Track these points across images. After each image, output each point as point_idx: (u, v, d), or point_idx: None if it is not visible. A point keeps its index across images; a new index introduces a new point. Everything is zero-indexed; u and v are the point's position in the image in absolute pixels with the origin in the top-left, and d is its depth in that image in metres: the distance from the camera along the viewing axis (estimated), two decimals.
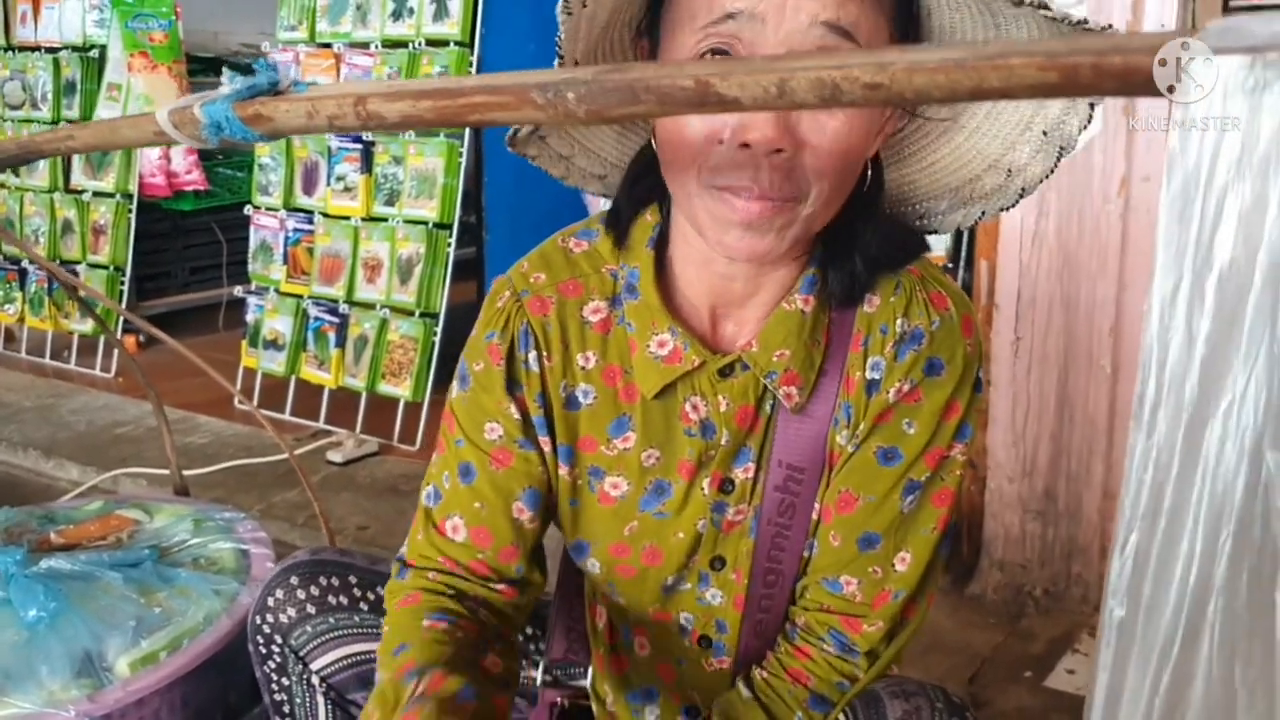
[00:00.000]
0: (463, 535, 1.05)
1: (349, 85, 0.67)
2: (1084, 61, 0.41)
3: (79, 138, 0.82)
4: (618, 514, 1.06)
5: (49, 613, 1.39)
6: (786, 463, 1.03)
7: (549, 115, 0.57)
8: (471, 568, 1.06)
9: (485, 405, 1.04)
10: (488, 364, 1.04)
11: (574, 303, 1.03)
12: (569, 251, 1.06)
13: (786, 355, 0.98)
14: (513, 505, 1.05)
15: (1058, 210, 2.09)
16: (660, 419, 1.03)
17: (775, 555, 1.06)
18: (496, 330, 1.04)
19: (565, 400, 1.04)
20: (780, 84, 0.49)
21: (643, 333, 1.00)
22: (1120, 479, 1.79)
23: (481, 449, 1.05)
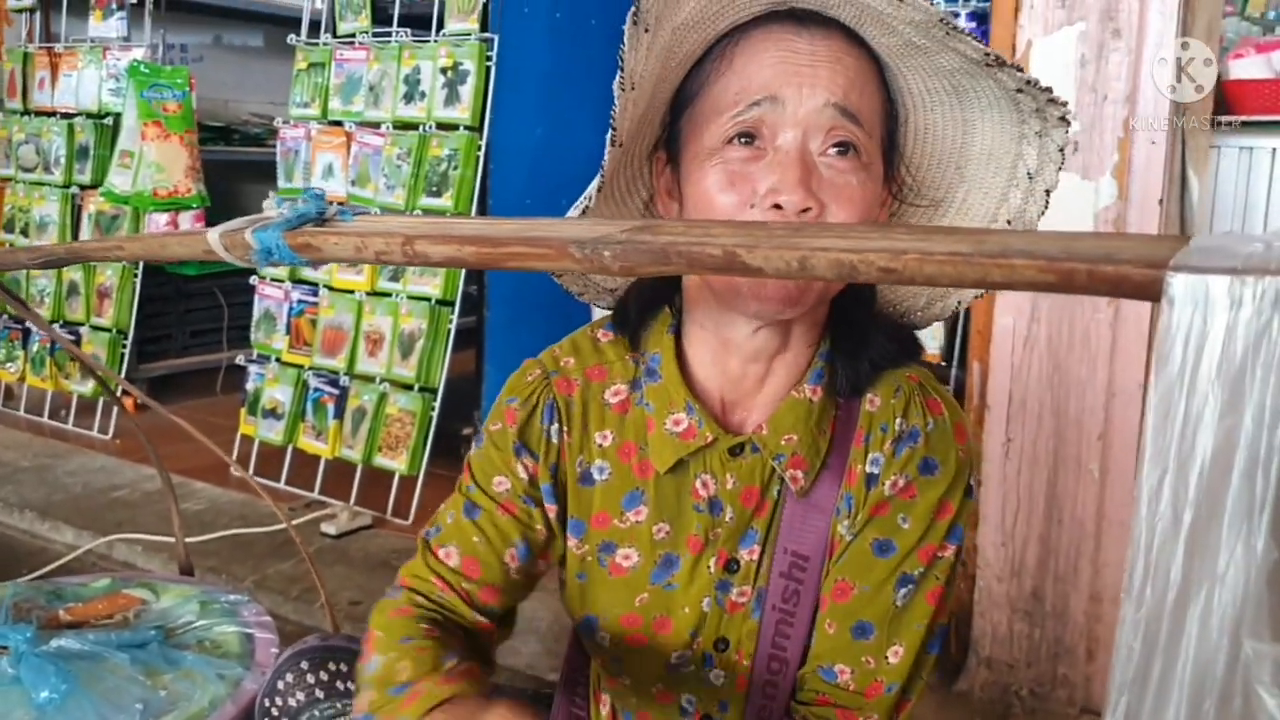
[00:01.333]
0: (455, 561, 1.11)
1: (396, 222, 0.71)
2: (1080, 268, 0.46)
3: (128, 249, 0.86)
4: (629, 585, 1.11)
5: (60, 694, 1.40)
6: (792, 550, 1.08)
7: (584, 267, 0.61)
8: (458, 592, 1.10)
9: (496, 461, 1.12)
10: (503, 425, 1.12)
11: (598, 386, 1.11)
12: (597, 341, 1.15)
13: (794, 440, 1.05)
14: (507, 550, 1.10)
15: (1049, 316, 2.14)
16: (672, 494, 1.09)
17: (779, 642, 1.10)
18: (519, 398, 1.12)
19: (580, 476, 1.11)
20: (802, 260, 0.53)
21: (660, 412, 1.07)
22: (1107, 583, 1.82)
23: (490, 496, 1.12)
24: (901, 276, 0.50)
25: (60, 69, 4.35)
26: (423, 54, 3.32)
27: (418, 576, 1.12)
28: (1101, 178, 2.06)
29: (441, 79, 3.26)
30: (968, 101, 1.00)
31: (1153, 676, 0.48)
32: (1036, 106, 0.96)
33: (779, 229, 0.56)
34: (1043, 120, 0.98)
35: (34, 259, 0.99)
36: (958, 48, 0.92)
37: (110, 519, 3.21)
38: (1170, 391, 0.44)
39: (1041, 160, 1.01)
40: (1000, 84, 0.95)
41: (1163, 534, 0.46)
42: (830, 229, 0.55)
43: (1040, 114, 0.97)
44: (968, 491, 1.08)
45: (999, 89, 0.96)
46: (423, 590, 1.11)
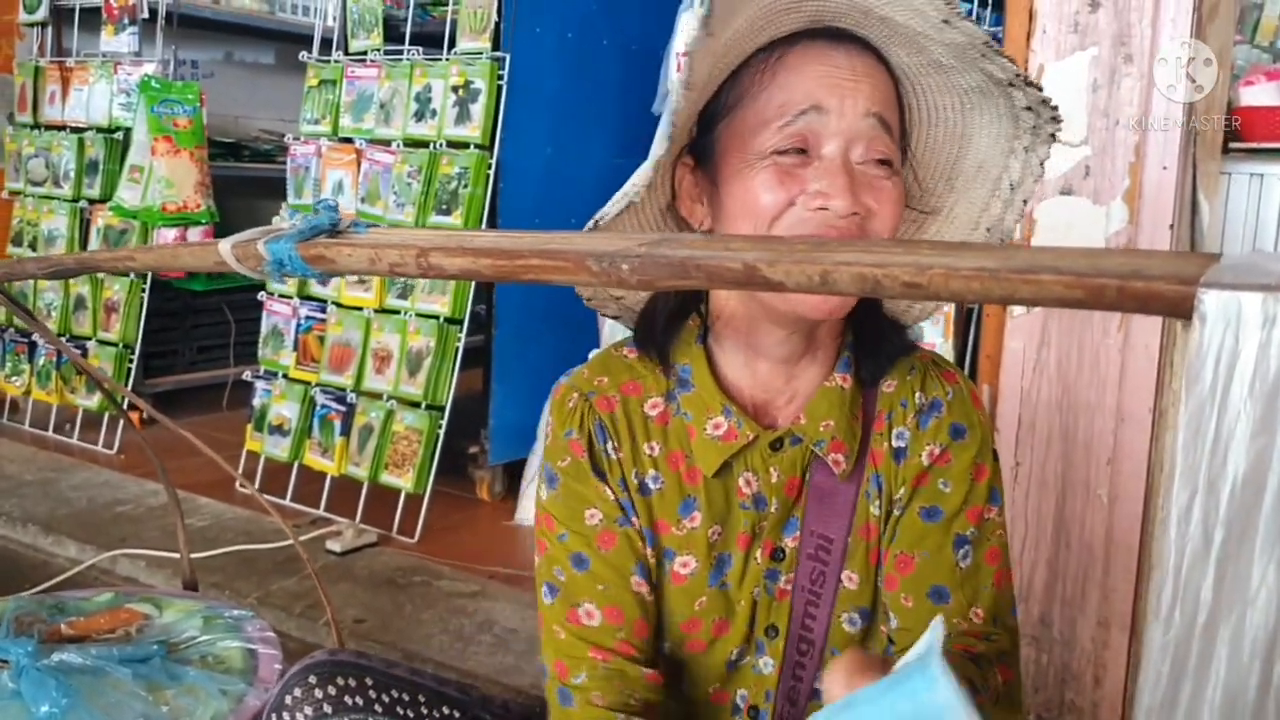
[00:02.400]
0: (598, 619, 1.11)
1: (410, 234, 0.71)
2: (1109, 284, 0.45)
3: (139, 260, 0.85)
4: (688, 591, 1.13)
5: (61, 709, 1.39)
6: (818, 533, 1.12)
7: (602, 281, 0.61)
8: (619, 650, 1.10)
9: (581, 494, 1.12)
10: (573, 458, 1.13)
11: (635, 400, 1.14)
12: (625, 358, 1.17)
13: (832, 425, 1.09)
14: (631, 580, 1.11)
15: (1058, 341, 2.13)
16: (721, 496, 1.12)
17: (807, 624, 1.13)
18: (574, 428, 1.13)
19: (639, 487, 1.13)
20: (824, 275, 0.53)
21: (699, 419, 1.10)
22: (1116, 609, 1.81)
23: (587, 536, 1.12)
24: (926, 292, 0.50)
25: (71, 83, 4.37)
26: (434, 72, 3.33)
27: (572, 658, 1.11)
28: (1113, 202, 2.06)
29: (453, 97, 3.27)
30: (971, 117, 1.05)
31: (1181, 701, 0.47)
32: (1035, 124, 1.01)
33: (800, 243, 0.55)
34: (1034, 136, 1.03)
35: (43, 269, 0.98)
36: (987, 68, 0.97)
37: (114, 534, 3.20)
38: (1201, 410, 0.43)
39: (1024, 173, 1.06)
40: (1011, 100, 0.99)
41: (1192, 555, 0.45)
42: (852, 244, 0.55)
43: (1035, 130, 1.02)
44: (994, 455, 1.13)
45: (1006, 104, 1.01)
46: (587, 677, 1.09)
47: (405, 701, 1.19)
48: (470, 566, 3.03)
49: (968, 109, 1.04)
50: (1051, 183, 2.11)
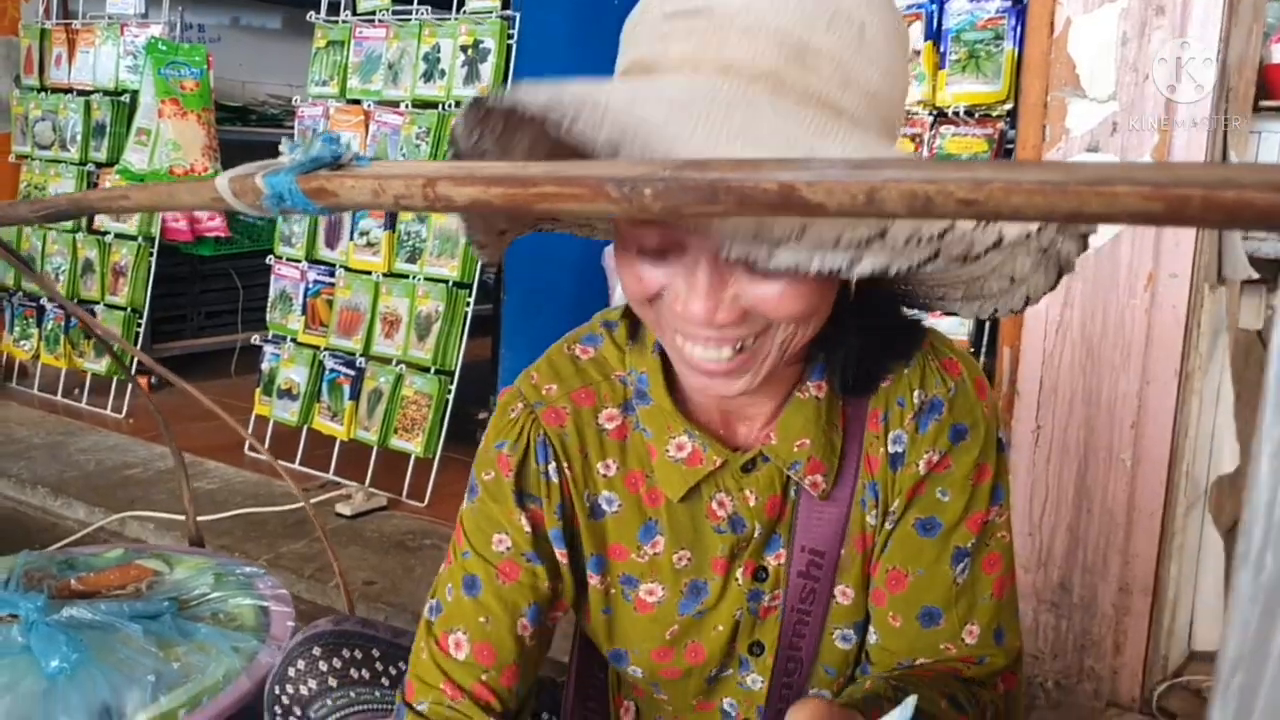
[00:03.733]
0: (465, 652, 1.02)
1: (417, 165, 0.66)
2: (1194, 194, 0.41)
3: (134, 198, 0.81)
4: (657, 620, 1.04)
5: (70, 664, 1.37)
6: (808, 548, 1.02)
7: (622, 209, 0.56)
8: (474, 692, 1.02)
9: (494, 516, 1.02)
10: (498, 474, 1.02)
11: (589, 411, 1.02)
12: (576, 359, 1.05)
13: (807, 444, 0.97)
14: (518, 621, 1.02)
15: (1082, 302, 2.08)
16: (687, 520, 1.02)
17: (795, 642, 1.04)
18: (508, 440, 1.02)
19: (590, 510, 1.03)
20: (870, 192, 0.48)
21: (660, 437, 0.99)
22: (1137, 574, 1.77)
23: (489, 561, 1.02)
24: (984, 209, 0.45)
25: (77, 45, 4.31)
26: (443, 32, 3.27)
27: (423, 682, 1.03)
28: (1141, 159, 2.00)
29: (462, 57, 3.21)
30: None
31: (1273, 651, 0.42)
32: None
33: (840, 162, 0.51)
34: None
35: (36, 211, 0.94)
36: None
37: (123, 496, 3.18)
38: None
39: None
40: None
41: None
42: (901, 160, 0.50)
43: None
44: (1000, 446, 1.02)
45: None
46: (430, 705, 1.02)
47: None
48: None
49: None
50: (1077, 139, 2.06)
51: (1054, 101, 2.09)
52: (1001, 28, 2.34)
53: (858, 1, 0.78)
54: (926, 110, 2.42)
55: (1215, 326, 2.16)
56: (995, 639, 1.01)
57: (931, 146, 2.41)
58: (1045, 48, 2.09)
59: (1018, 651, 1.03)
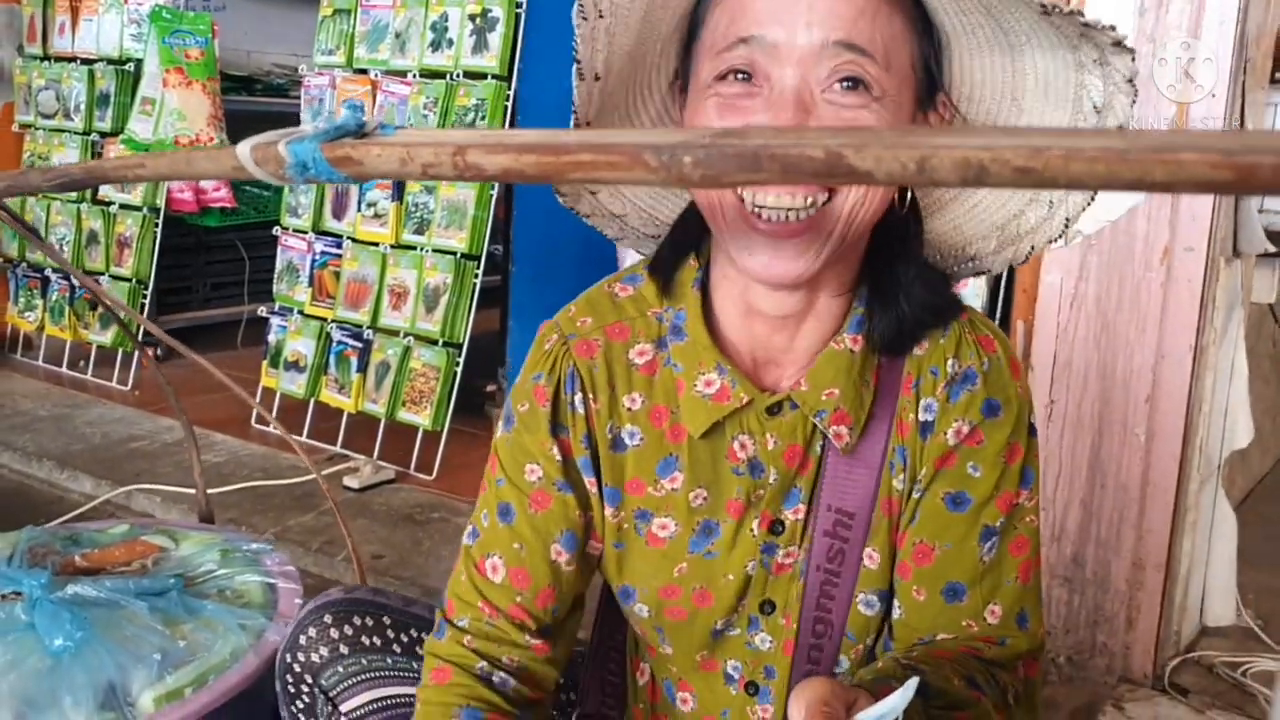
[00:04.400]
0: (501, 575, 1.05)
1: (445, 134, 0.65)
2: (1265, 161, 0.39)
3: (150, 166, 0.80)
4: (666, 555, 1.05)
5: (75, 641, 1.36)
6: (836, 507, 1.02)
7: (660, 178, 0.55)
8: (510, 613, 1.05)
9: (528, 446, 1.05)
10: (533, 405, 1.04)
11: (620, 346, 1.04)
12: (615, 296, 1.07)
13: (836, 394, 0.98)
14: (550, 547, 1.05)
15: (1098, 275, 2.07)
16: (707, 458, 1.02)
17: (824, 604, 1.04)
18: (544, 372, 1.04)
19: (611, 442, 1.04)
20: (921, 161, 0.47)
21: (690, 373, 1.00)
22: (1150, 549, 1.76)
23: (521, 490, 1.05)
24: (1042, 177, 0.44)
25: (81, 13, 4.27)
26: (451, 0, 3.24)
27: (462, 601, 1.07)
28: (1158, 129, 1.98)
29: (470, 26, 3.18)
30: (1007, 27, 0.89)
31: None
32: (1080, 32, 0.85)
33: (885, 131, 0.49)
34: (1097, 48, 0.86)
35: (49, 180, 0.93)
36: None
37: (129, 469, 3.18)
38: None
39: (1109, 91, 0.88)
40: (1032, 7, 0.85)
41: None
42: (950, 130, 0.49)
43: (1088, 39, 0.85)
44: (1031, 430, 1.01)
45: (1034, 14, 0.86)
46: (469, 621, 1.06)
47: (424, 641, 1.13)
48: None
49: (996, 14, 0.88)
50: None
51: None
52: None
53: None
54: None
55: (1230, 300, 2.15)
56: (1018, 622, 1.00)
57: None
58: None
59: (1040, 638, 1.02)
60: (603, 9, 0.88)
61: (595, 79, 0.93)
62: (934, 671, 0.90)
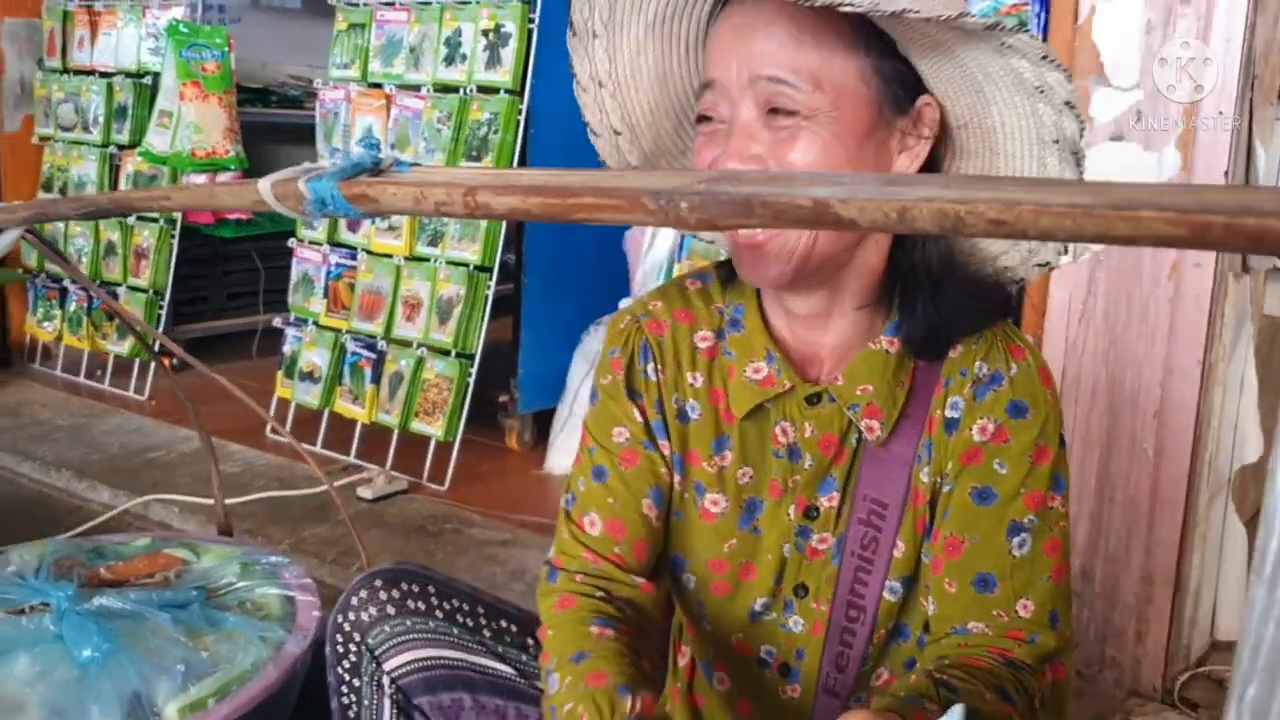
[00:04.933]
0: (599, 529, 1.14)
1: (457, 173, 0.68)
2: (1216, 220, 0.42)
3: (175, 199, 0.83)
4: (718, 531, 1.13)
5: (102, 653, 1.39)
6: (871, 497, 1.09)
7: (659, 220, 0.58)
8: (612, 559, 1.14)
9: (613, 412, 1.15)
10: (613, 376, 1.16)
11: (686, 328, 1.15)
12: (685, 289, 1.18)
13: (870, 390, 1.06)
14: (642, 501, 1.14)
15: (1106, 291, 2.09)
16: (755, 439, 1.11)
17: (857, 589, 1.10)
18: (618, 347, 1.16)
19: (678, 412, 1.14)
20: (901, 211, 0.50)
21: (742, 360, 1.10)
22: (1159, 564, 1.77)
23: (612, 452, 1.15)
24: (1013, 229, 0.46)
25: (100, 28, 4.33)
26: (464, 15, 3.27)
27: (567, 554, 1.16)
28: (1165, 148, 2.00)
29: (483, 41, 3.22)
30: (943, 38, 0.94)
31: None
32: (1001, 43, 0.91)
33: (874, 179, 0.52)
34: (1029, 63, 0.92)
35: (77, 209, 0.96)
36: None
37: (146, 479, 3.21)
38: None
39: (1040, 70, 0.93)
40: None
41: None
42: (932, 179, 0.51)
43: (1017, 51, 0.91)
44: (1061, 441, 1.07)
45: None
46: (578, 567, 1.14)
47: (465, 611, 1.23)
48: (501, 515, 3.03)
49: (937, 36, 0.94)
50: (1101, 128, 2.05)
51: (1078, 89, 2.07)
52: (1025, 14, 2.33)
53: None
54: None
55: (1239, 315, 2.16)
56: (1050, 621, 1.04)
57: None
58: (1069, 35, 2.09)
59: (1070, 640, 1.07)
60: (601, 79, 1.03)
61: (615, 134, 1.09)
62: (966, 687, 0.93)
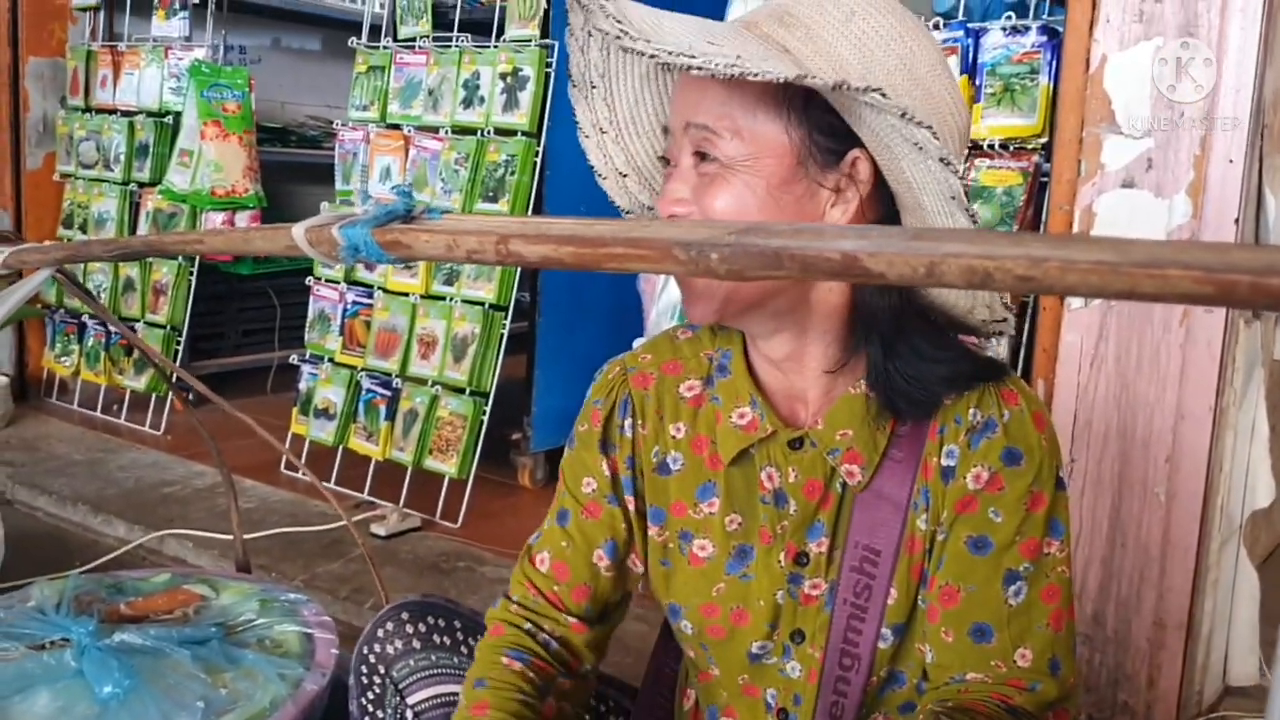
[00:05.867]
0: (547, 567, 1.20)
1: (489, 221, 0.70)
2: (1242, 280, 0.43)
3: (208, 242, 0.85)
4: (706, 575, 1.14)
5: (123, 689, 1.40)
6: (864, 545, 1.09)
7: (689, 270, 0.59)
8: (549, 596, 1.20)
9: (585, 461, 1.20)
10: (589, 426, 1.20)
11: (672, 380, 1.17)
12: (675, 339, 1.20)
13: (849, 435, 1.06)
14: (595, 551, 1.19)
15: (1117, 336, 2.10)
16: (742, 485, 1.13)
17: (851, 637, 1.10)
18: (601, 398, 1.20)
19: (657, 466, 1.17)
20: (930, 266, 0.51)
21: (728, 405, 1.12)
22: (1171, 609, 1.77)
23: (578, 500, 1.20)
24: (1040, 285, 0.48)
25: (123, 67, 4.39)
26: (483, 59, 3.32)
27: (517, 582, 1.23)
28: (1176, 195, 2.02)
29: (501, 84, 3.26)
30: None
31: None
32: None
33: (904, 233, 0.54)
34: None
35: (109, 251, 0.98)
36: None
37: (162, 514, 3.22)
38: None
39: (910, 129, 0.91)
40: None
41: None
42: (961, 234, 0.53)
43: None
44: (1059, 484, 1.06)
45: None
46: (519, 597, 1.21)
47: None
48: (513, 553, 2.98)
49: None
50: (1112, 175, 2.07)
51: (1089, 137, 2.10)
52: (1037, 62, 2.36)
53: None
54: None
55: (1250, 360, 2.17)
56: (1050, 669, 1.04)
57: (967, 178, 2.43)
58: (1081, 83, 2.11)
59: (1072, 687, 1.06)
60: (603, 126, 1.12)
61: (621, 176, 1.13)
62: None
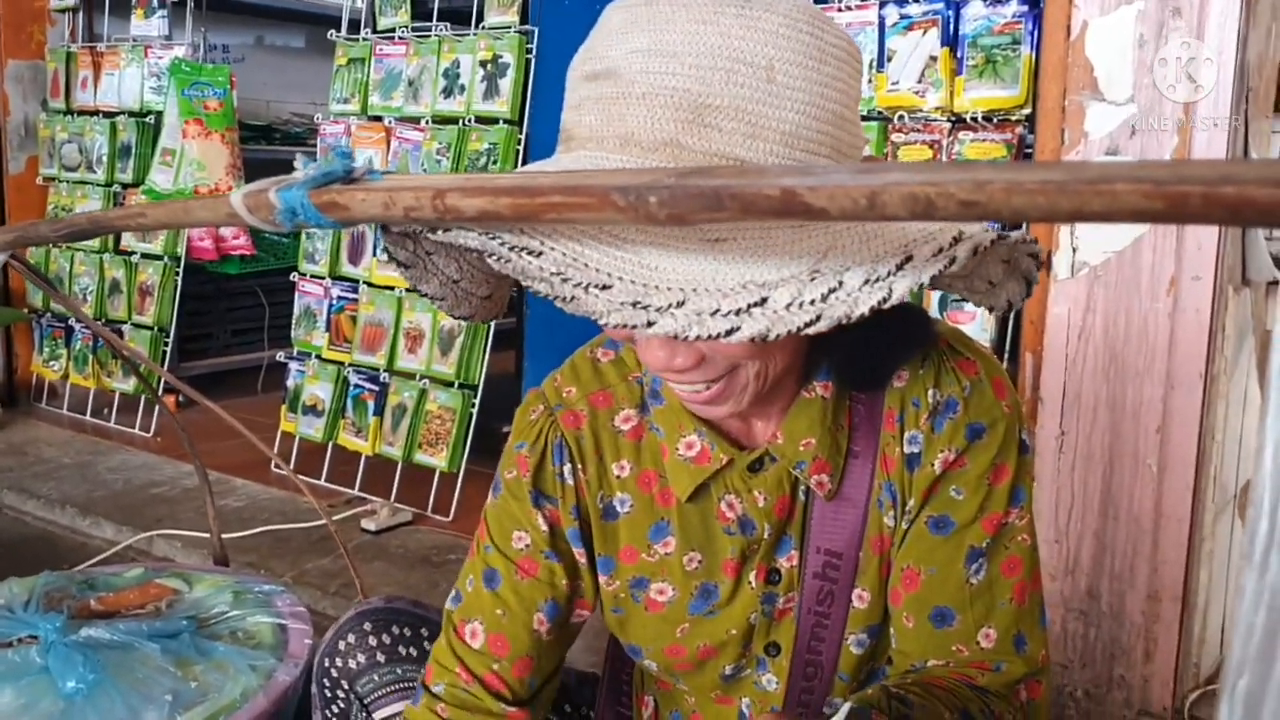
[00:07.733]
0: (480, 641, 1.06)
1: (426, 178, 0.67)
2: (1193, 191, 0.41)
3: (151, 215, 0.82)
4: (667, 619, 1.06)
5: (87, 684, 1.38)
6: (824, 549, 1.02)
7: (628, 217, 0.57)
8: (486, 680, 1.06)
9: (515, 513, 1.06)
10: (518, 473, 1.06)
11: (605, 413, 1.05)
12: (596, 362, 1.08)
13: (813, 444, 0.98)
14: (534, 616, 1.06)
15: (1105, 307, 2.07)
16: (697, 521, 1.03)
17: (814, 646, 1.04)
18: (527, 442, 1.06)
19: (603, 511, 1.06)
20: (871, 196, 0.49)
21: (671, 436, 1.01)
22: (1165, 581, 1.75)
23: (509, 557, 1.07)
24: (985, 210, 0.45)
25: (103, 68, 4.36)
26: (462, 47, 3.29)
27: (440, 665, 1.09)
28: None
29: (481, 72, 3.23)
30: None
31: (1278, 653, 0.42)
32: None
33: (840, 169, 0.51)
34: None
35: (57, 231, 0.95)
36: None
37: (150, 515, 3.20)
38: None
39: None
40: None
41: None
42: (902, 165, 0.50)
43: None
44: (1022, 448, 1.00)
45: None
46: (447, 684, 1.07)
47: None
48: None
49: None
50: (1096, 143, 2.05)
51: (1072, 105, 2.08)
52: (1018, 32, 2.34)
53: (764, 40, 0.76)
54: (944, 116, 2.42)
55: (1241, 329, 2.14)
56: (1015, 646, 1.00)
57: (950, 152, 2.40)
58: (1062, 51, 2.09)
59: (1041, 660, 1.02)
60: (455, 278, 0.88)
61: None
62: (923, 703, 0.90)
